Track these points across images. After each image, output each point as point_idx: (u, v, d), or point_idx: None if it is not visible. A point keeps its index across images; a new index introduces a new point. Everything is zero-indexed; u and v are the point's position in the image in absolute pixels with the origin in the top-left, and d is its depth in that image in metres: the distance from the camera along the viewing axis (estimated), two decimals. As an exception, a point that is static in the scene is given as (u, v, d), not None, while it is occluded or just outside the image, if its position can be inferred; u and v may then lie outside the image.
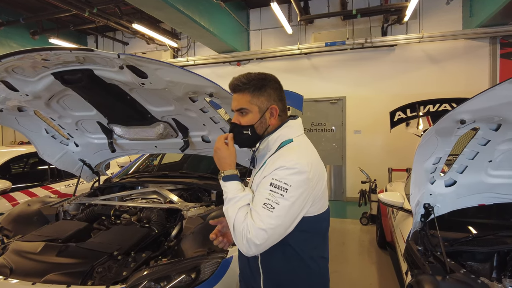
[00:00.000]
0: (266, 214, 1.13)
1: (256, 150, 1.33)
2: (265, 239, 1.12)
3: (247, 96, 1.25)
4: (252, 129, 1.27)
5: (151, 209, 2.57)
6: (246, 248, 1.13)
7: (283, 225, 1.15)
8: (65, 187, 4.69)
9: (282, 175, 1.15)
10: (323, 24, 7.36)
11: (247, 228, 1.13)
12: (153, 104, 2.26)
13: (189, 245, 2.00)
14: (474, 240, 2.27)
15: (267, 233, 1.12)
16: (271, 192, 1.14)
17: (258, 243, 1.12)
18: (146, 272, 1.74)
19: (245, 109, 1.26)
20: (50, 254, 1.93)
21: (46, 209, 2.74)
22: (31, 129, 2.78)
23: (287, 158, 1.19)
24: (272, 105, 1.28)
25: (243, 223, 1.14)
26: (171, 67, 1.74)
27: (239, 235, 1.14)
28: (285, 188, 1.14)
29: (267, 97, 1.27)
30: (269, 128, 1.29)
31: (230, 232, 1.20)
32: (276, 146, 1.27)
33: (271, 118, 1.28)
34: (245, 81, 1.25)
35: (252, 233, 1.12)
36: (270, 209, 1.13)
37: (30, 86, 2.06)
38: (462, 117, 1.62)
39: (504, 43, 6.36)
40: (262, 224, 1.12)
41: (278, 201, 1.13)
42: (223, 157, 1.25)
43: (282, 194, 1.13)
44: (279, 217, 1.13)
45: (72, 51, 1.67)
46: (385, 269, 3.82)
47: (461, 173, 2.10)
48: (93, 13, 6.24)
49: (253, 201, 1.20)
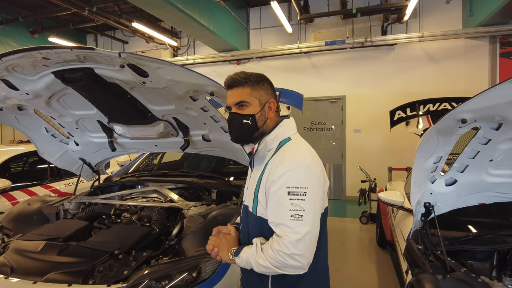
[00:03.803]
0: (297, 225, 1.13)
1: (255, 151, 1.31)
2: (306, 247, 1.13)
3: (247, 89, 1.27)
4: (253, 118, 1.27)
5: (151, 208, 2.56)
6: (296, 265, 1.12)
7: (315, 225, 1.17)
8: (65, 186, 4.68)
9: (295, 179, 1.16)
10: (323, 23, 7.35)
11: (281, 251, 1.12)
12: (154, 103, 2.26)
13: (190, 244, 2.00)
14: (475, 239, 2.28)
15: (306, 241, 1.13)
16: (292, 201, 1.14)
17: (301, 253, 1.12)
18: (147, 271, 1.74)
19: (246, 102, 1.27)
20: (51, 253, 1.93)
21: (46, 208, 2.73)
22: (31, 128, 2.77)
23: (293, 158, 1.20)
24: (271, 99, 1.31)
25: (275, 253, 1.13)
26: (172, 66, 1.74)
27: (283, 263, 1.13)
28: (303, 192, 1.14)
29: (266, 90, 1.31)
30: (267, 121, 1.30)
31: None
32: (275, 145, 1.28)
33: (270, 111, 1.30)
34: (244, 76, 1.28)
35: (291, 248, 1.11)
36: (299, 219, 1.13)
37: (30, 84, 2.06)
38: (463, 116, 1.62)
39: (503, 42, 6.36)
40: (298, 235, 1.12)
41: (303, 207, 1.14)
42: (229, 242, 1.32)
43: (304, 199, 1.14)
44: (309, 221, 1.14)
45: (73, 50, 1.66)
46: (385, 268, 3.83)
47: (461, 172, 2.10)
48: (92, 12, 6.22)
49: (274, 215, 1.18)
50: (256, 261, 1.17)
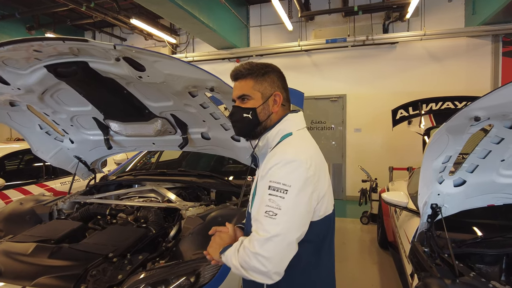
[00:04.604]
0: (269, 222, 1.01)
1: (255, 147, 1.25)
2: (274, 251, 1.00)
3: (250, 82, 1.20)
4: (254, 112, 1.20)
5: (148, 208, 2.48)
6: (260, 269, 0.99)
7: (291, 230, 1.03)
8: (61, 184, 4.59)
9: (279, 174, 1.05)
10: (323, 21, 7.27)
11: (248, 248, 1.01)
12: (151, 99, 2.18)
13: (188, 247, 1.91)
14: (483, 242, 2.21)
15: (275, 243, 0.99)
16: (270, 196, 1.04)
17: (267, 255, 0.99)
18: (143, 276, 1.65)
19: (247, 95, 1.21)
20: (42, 256, 1.84)
21: (39, 207, 2.64)
22: (24, 125, 2.69)
23: (284, 153, 1.10)
24: (276, 92, 1.22)
25: (243, 251, 1.03)
26: (170, 60, 1.65)
27: (248, 263, 1.01)
28: (285, 189, 1.03)
29: (271, 83, 1.22)
30: (271, 116, 1.22)
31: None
32: (276, 141, 1.19)
33: (274, 105, 1.22)
34: (248, 67, 1.21)
35: (257, 247, 1.00)
36: (273, 216, 1.01)
37: (22, 79, 1.97)
38: (476, 114, 1.54)
39: (506, 41, 6.30)
40: (267, 234, 1.00)
41: (280, 205, 1.02)
42: (223, 241, 1.22)
43: (283, 196, 1.02)
44: (284, 222, 1.01)
45: (65, 42, 1.57)
46: (387, 270, 3.76)
47: (471, 173, 2.03)
48: (90, 8, 6.13)
49: (255, 209, 1.08)
50: (231, 260, 1.07)
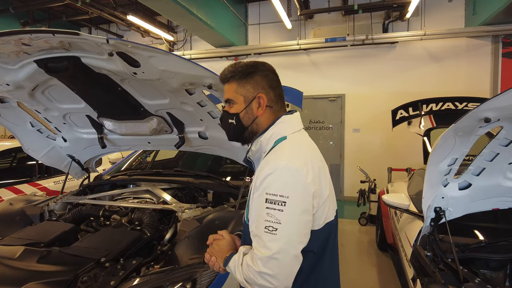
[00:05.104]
0: (269, 239, 0.97)
1: (248, 152, 1.19)
2: (279, 267, 0.96)
3: (233, 86, 1.15)
4: (237, 118, 1.15)
5: (143, 210, 2.40)
6: (269, 286, 0.96)
7: (293, 243, 0.99)
8: (54, 183, 4.49)
9: (275, 185, 1.00)
10: (323, 20, 7.20)
11: (252, 267, 0.98)
12: (146, 97, 2.10)
13: (183, 251, 1.84)
14: (487, 247, 2.15)
15: (278, 260, 0.96)
16: (268, 210, 0.98)
17: (272, 273, 0.95)
18: (136, 282, 1.58)
19: (231, 100, 1.16)
20: (30, 260, 1.75)
21: (29, 208, 2.55)
22: (15, 122, 2.60)
23: (278, 161, 1.03)
24: (259, 93, 1.14)
25: (247, 269, 1.00)
26: (166, 55, 1.58)
27: (254, 281, 0.98)
28: (283, 201, 0.97)
29: (254, 84, 1.14)
30: (257, 120, 1.15)
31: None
32: (270, 146, 1.11)
33: (259, 108, 1.14)
34: (232, 69, 1.15)
35: (260, 266, 0.96)
36: (273, 232, 0.97)
37: (10, 74, 1.89)
38: (487, 115, 1.48)
39: (506, 42, 6.26)
40: (268, 251, 0.96)
41: (279, 219, 0.97)
42: (221, 248, 1.17)
43: (281, 209, 0.97)
44: (285, 237, 0.97)
45: (55, 35, 1.49)
46: (387, 272, 3.70)
47: (477, 176, 1.97)
48: (86, 4, 6.01)
49: (253, 224, 1.03)
50: (236, 274, 1.05)
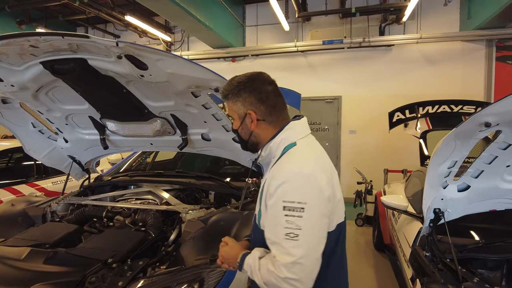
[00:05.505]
0: (291, 245, 1.00)
1: (258, 158, 1.26)
2: (303, 272, 0.99)
3: (229, 104, 1.24)
4: (237, 133, 1.26)
5: (146, 211, 2.41)
6: None
7: (315, 246, 1.04)
8: (52, 184, 4.46)
9: (292, 192, 1.03)
10: (320, 22, 7.25)
11: (275, 273, 1.01)
12: (151, 99, 2.12)
13: (189, 252, 1.85)
14: (485, 247, 2.20)
15: (302, 265, 0.99)
16: (287, 217, 1.01)
17: (297, 277, 0.98)
18: (143, 282, 1.59)
19: (230, 116, 1.27)
20: (37, 261, 1.75)
21: (31, 209, 2.54)
22: (17, 123, 2.60)
23: (291, 168, 1.07)
24: (248, 110, 1.19)
25: (270, 275, 1.02)
26: (174, 58, 1.60)
27: (278, 286, 1.01)
28: (301, 207, 1.01)
29: (243, 102, 1.20)
30: (255, 133, 1.21)
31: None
32: (280, 151, 1.15)
33: (252, 124, 1.20)
34: (227, 87, 1.22)
35: (285, 272, 0.99)
36: (294, 238, 1.00)
37: (15, 75, 1.89)
38: (487, 119, 1.53)
39: (500, 46, 6.38)
40: (291, 258, 0.99)
41: (299, 225, 1.00)
42: (228, 253, 1.23)
43: (301, 215, 1.01)
44: (307, 242, 1.01)
45: (64, 37, 1.50)
46: (384, 273, 3.75)
47: (475, 178, 2.03)
48: (83, 3, 5.99)
49: (270, 232, 1.07)
50: (253, 277, 1.09)
